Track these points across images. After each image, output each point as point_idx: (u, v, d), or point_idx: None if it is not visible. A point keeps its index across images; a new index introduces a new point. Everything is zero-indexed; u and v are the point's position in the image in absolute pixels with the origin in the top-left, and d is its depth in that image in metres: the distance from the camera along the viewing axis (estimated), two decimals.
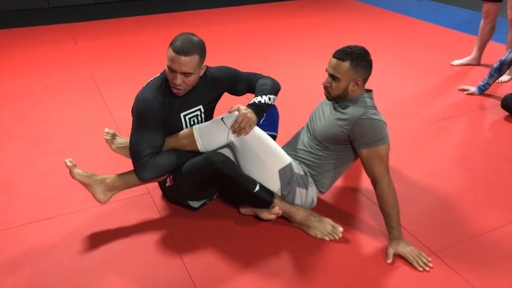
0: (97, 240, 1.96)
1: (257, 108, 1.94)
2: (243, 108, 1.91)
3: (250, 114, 1.89)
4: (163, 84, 1.93)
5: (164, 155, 1.92)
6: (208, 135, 1.92)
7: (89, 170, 2.19)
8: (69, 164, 1.91)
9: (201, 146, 1.94)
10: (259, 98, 1.98)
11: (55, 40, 4.75)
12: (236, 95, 2.17)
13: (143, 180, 1.94)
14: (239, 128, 1.87)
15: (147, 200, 2.21)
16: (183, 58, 1.79)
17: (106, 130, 2.10)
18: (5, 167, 2.50)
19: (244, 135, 1.89)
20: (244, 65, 3.91)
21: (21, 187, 2.33)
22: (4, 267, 1.81)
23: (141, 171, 1.90)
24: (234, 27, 5.23)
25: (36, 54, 4.32)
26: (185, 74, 1.83)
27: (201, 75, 1.93)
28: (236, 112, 1.90)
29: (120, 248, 1.91)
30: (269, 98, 2.00)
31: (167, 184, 2.03)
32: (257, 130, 1.93)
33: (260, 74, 2.14)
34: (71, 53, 4.36)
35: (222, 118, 1.91)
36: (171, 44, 1.83)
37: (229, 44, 4.61)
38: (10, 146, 2.72)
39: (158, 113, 1.88)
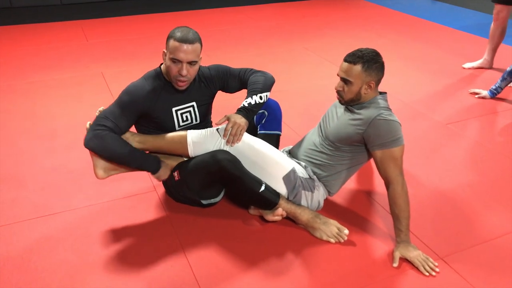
0: (102, 237, 1.96)
1: (247, 112, 1.96)
2: (232, 115, 1.92)
3: (239, 120, 1.91)
4: (158, 77, 1.97)
5: (117, 139, 1.86)
6: (201, 143, 1.93)
7: None
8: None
9: (192, 152, 1.95)
10: (249, 100, 1.98)
11: (66, 36, 4.77)
12: (229, 93, 2.18)
13: (85, 145, 1.86)
14: (231, 137, 1.89)
15: (153, 197, 2.21)
16: (187, 46, 1.82)
17: None
18: (14, 161, 2.52)
19: (237, 142, 1.91)
20: (253, 65, 3.89)
21: (29, 182, 2.34)
22: (10, 261, 1.82)
23: (88, 136, 1.85)
24: (244, 27, 5.22)
25: (47, 50, 4.35)
26: (190, 63, 1.86)
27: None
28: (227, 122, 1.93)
29: (125, 245, 1.91)
30: (261, 97, 2.00)
31: (175, 178, 2.02)
32: (251, 140, 1.94)
33: (252, 70, 2.12)
34: (82, 49, 4.38)
35: (217, 129, 1.94)
36: (171, 37, 1.85)
37: (240, 44, 4.60)
38: (19, 140, 2.74)
39: (140, 103, 1.91)
